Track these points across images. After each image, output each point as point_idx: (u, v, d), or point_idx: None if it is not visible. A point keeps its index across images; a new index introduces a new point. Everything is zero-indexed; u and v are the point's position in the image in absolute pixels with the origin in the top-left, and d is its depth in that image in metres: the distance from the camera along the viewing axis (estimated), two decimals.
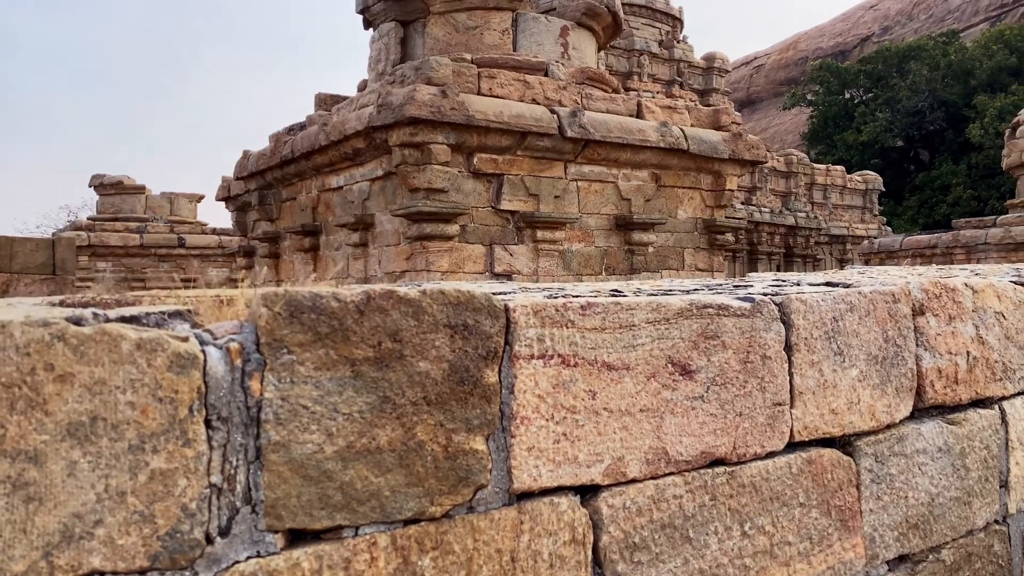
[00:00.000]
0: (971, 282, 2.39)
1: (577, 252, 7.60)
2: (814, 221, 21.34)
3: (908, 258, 14.41)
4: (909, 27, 46.79)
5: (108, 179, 17.45)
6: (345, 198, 7.84)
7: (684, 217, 8.30)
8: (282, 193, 8.94)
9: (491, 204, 7.18)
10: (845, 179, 23.48)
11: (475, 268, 6.99)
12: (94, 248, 16.60)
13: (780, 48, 56.90)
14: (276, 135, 8.71)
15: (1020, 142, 13.69)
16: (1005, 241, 12.84)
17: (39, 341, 1.09)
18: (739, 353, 1.81)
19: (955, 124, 31.21)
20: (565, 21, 8.40)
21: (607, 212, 7.80)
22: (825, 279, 2.62)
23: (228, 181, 10.27)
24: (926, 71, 31.81)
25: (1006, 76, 30.28)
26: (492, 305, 1.47)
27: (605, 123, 7.52)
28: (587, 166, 7.67)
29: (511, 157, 7.23)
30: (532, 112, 7.16)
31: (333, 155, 7.63)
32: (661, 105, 8.30)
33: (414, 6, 8.04)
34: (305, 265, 8.53)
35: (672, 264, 8.18)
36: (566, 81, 7.83)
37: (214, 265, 17.96)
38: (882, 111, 32.35)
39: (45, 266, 9.11)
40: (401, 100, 6.59)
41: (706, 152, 8.05)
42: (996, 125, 27.00)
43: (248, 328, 1.32)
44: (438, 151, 6.74)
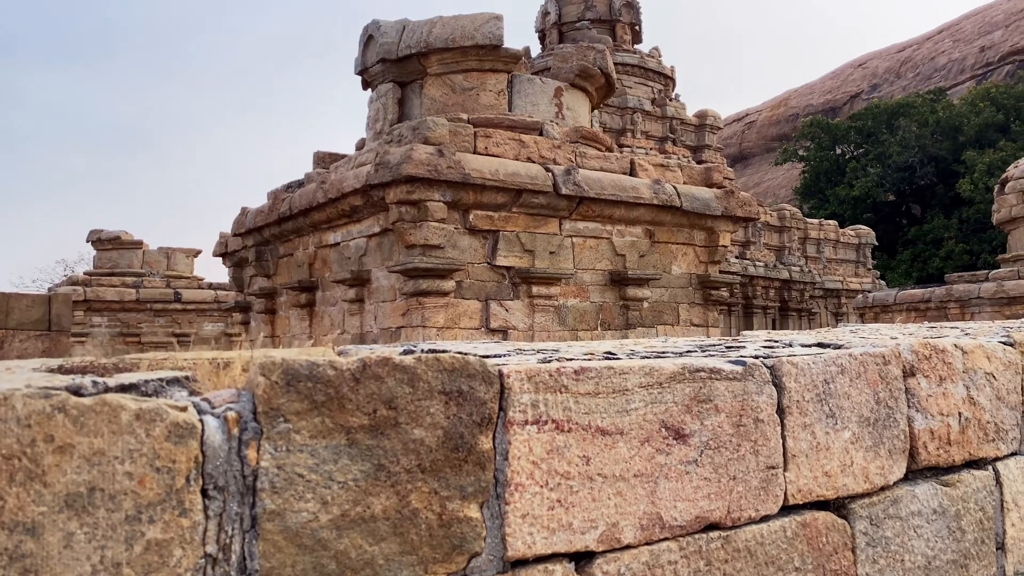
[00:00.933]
0: (961, 343, 2.42)
1: (572, 307, 7.64)
2: (808, 275, 21.47)
3: (903, 312, 14.48)
4: (897, 85, 47.76)
5: (106, 234, 17.55)
6: (342, 254, 7.90)
7: (678, 272, 8.36)
8: (279, 249, 9.00)
9: (487, 260, 7.23)
10: (838, 233, 23.70)
11: (471, 324, 7.01)
12: (90, 303, 16.60)
13: (771, 105, 57.95)
14: (274, 192, 8.81)
15: (1009, 198, 13.88)
16: (998, 296, 12.92)
17: (40, 413, 1.10)
18: (732, 416, 1.83)
19: (945, 179, 31.66)
20: (559, 82, 8.58)
21: (602, 268, 7.86)
22: (817, 339, 2.65)
23: (226, 237, 10.34)
24: (915, 127, 32.38)
25: (993, 132, 30.83)
26: (487, 371, 1.49)
27: (599, 181, 7.62)
28: (582, 222, 7.76)
29: (507, 214, 7.31)
30: (527, 170, 7.27)
31: (331, 212, 7.71)
32: (654, 163, 8.43)
33: (412, 68, 8.21)
34: (301, 321, 8.54)
35: (667, 319, 8.21)
36: (560, 140, 7.96)
37: (210, 319, 17.96)
38: (873, 166, 32.81)
39: (41, 322, 9.11)
40: (398, 159, 6.70)
41: (699, 209, 8.15)
42: (985, 180, 27.38)
43: (245, 396, 1.34)
44: (434, 208, 6.82)
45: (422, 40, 8.04)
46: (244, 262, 9.95)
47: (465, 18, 8.05)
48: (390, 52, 8.14)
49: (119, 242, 17.59)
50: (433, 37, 8.04)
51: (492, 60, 8.18)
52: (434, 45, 8.04)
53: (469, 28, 7.96)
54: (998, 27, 44.19)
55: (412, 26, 8.16)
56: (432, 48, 8.03)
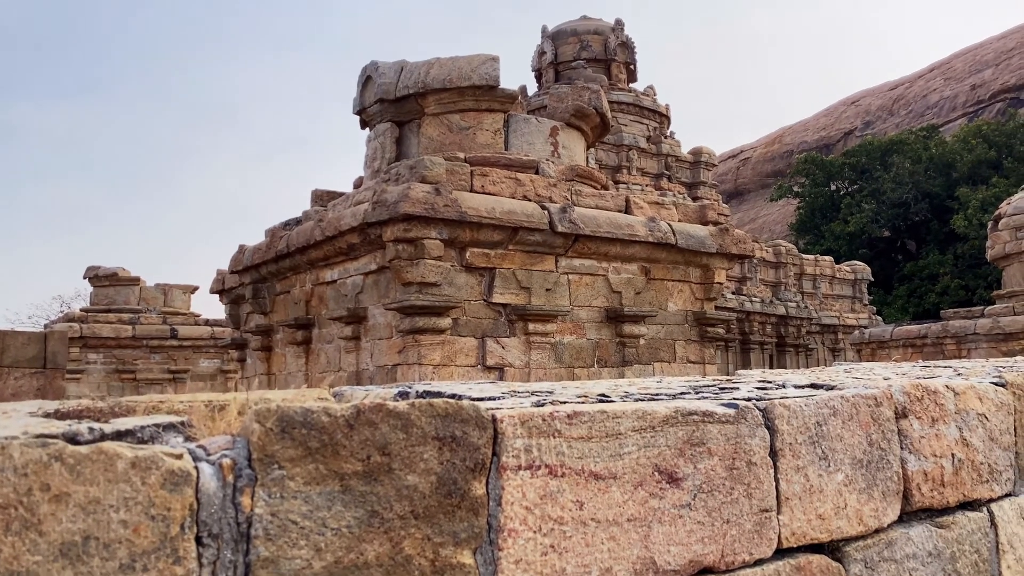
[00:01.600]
0: (952, 384, 2.44)
1: (569, 344, 7.64)
2: (805, 311, 21.51)
3: (899, 348, 14.50)
4: (890, 122, 48.30)
5: (103, 271, 17.58)
6: (339, 292, 7.92)
7: (674, 309, 8.39)
8: (276, 287, 9.03)
9: (483, 297, 7.26)
10: (834, 269, 23.79)
11: (467, 361, 7.01)
12: (86, 340, 16.57)
13: (766, 142, 58.51)
14: (272, 230, 8.86)
15: (1003, 234, 13.98)
16: (994, 332, 12.95)
17: (37, 462, 1.12)
18: (725, 459, 1.84)
19: (940, 215, 31.88)
20: (555, 122, 8.68)
21: (598, 305, 7.88)
22: (810, 380, 2.66)
23: (223, 274, 10.36)
24: (909, 164, 32.68)
25: (986, 169, 31.13)
26: (480, 416, 1.51)
27: (594, 218, 7.68)
28: (577, 260, 7.80)
29: (503, 251, 7.35)
30: (523, 208, 7.33)
31: (328, 250, 7.75)
32: (649, 201, 8.50)
33: (409, 108, 8.31)
34: (297, 358, 8.54)
35: (664, 356, 8.22)
36: (556, 178, 8.03)
37: (206, 356, 17.91)
38: (868, 202, 33.05)
39: (36, 359, 9.09)
40: (396, 197, 6.75)
41: (694, 246, 8.20)
42: (979, 216, 27.58)
43: (240, 443, 1.35)
44: (431, 246, 6.86)
45: (420, 81, 8.15)
46: (241, 299, 9.97)
47: (462, 59, 8.17)
48: (388, 92, 8.24)
49: (116, 278, 17.61)
50: (431, 78, 8.15)
51: (489, 100, 8.28)
52: (431, 86, 8.14)
53: (466, 69, 8.07)
54: (988, 66, 44.84)
55: (410, 67, 8.28)
56: (430, 88, 8.13)
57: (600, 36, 23.06)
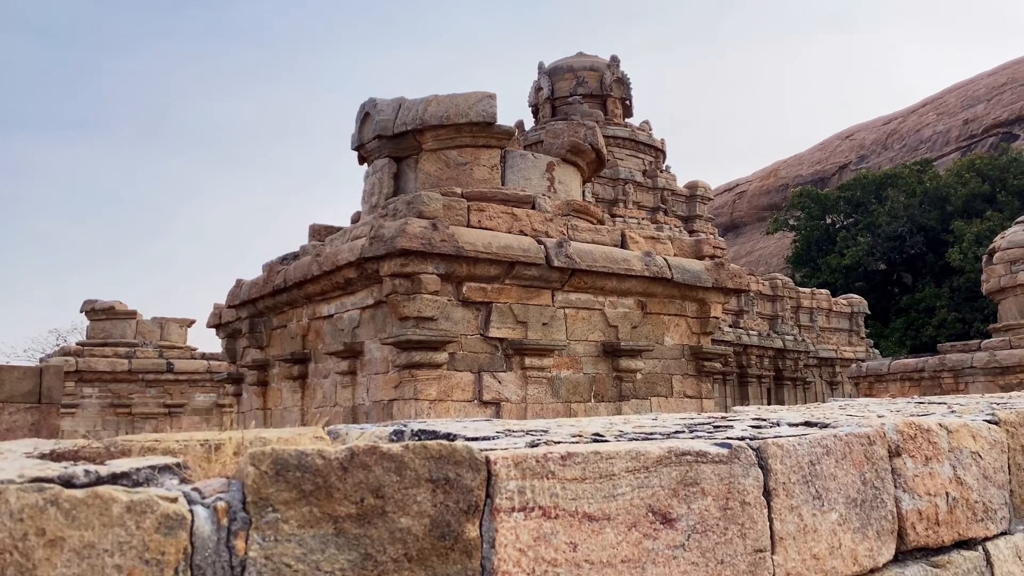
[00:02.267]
0: (945, 422, 2.45)
1: (565, 379, 7.64)
2: (802, 344, 21.51)
3: (897, 382, 14.48)
4: (884, 156, 48.73)
5: (100, 304, 17.57)
6: (335, 326, 7.93)
7: (671, 344, 8.40)
8: (273, 321, 9.04)
9: (480, 332, 7.27)
10: (831, 302, 23.84)
11: (463, 396, 7.00)
12: (81, 373, 16.51)
13: (761, 175, 58.94)
14: (269, 264, 8.89)
15: (998, 268, 14.05)
16: (991, 365, 12.95)
17: (33, 507, 1.12)
18: (719, 500, 1.84)
19: (935, 248, 32.03)
20: (551, 157, 8.76)
21: (594, 339, 7.89)
22: (804, 418, 2.67)
23: (220, 308, 10.37)
24: (903, 198, 32.91)
25: (980, 202, 31.34)
26: (473, 458, 1.52)
27: (590, 253, 7.72)
28: (574, 294, 7.82)
29: (499, 286, 7.37)
30: (520, 243, 7.37)
31: (325, 284, 7.78)
32: (644, 235, 8.56)
33: (407, 144, 8.39)
34: (293, 393, 8.52)
35: (660, 391, 8.21)
36: (552, 213, 8.09)
37: (201, 390, 17.84)
38: (863, 235, 33.21)
39: (31, 394, 9.05)
40: (393, 232, 6.79)
41: (689, 281, 8.23)
42: (974, 249, 27.71)
43: (235, 486, 1.36)
44: (428, 281, 6.89)
45: (418, 117, 8.24)
46: (238, 333, 9.97)
47: (460, 97, 8.26)
48: (386, 129, 8.32)
49: (113, 312, 17.60)
50: (428, 114, 8.24)
51: (486, 136, 8.37)
52: (429, 122, 8.23)
53: (463, 106, 8.17)
54: (980, 101, 45.37)
55: (408, 104, 8.37)
56: (427, 125, 8.22)
57: (596, 72, 23.34)
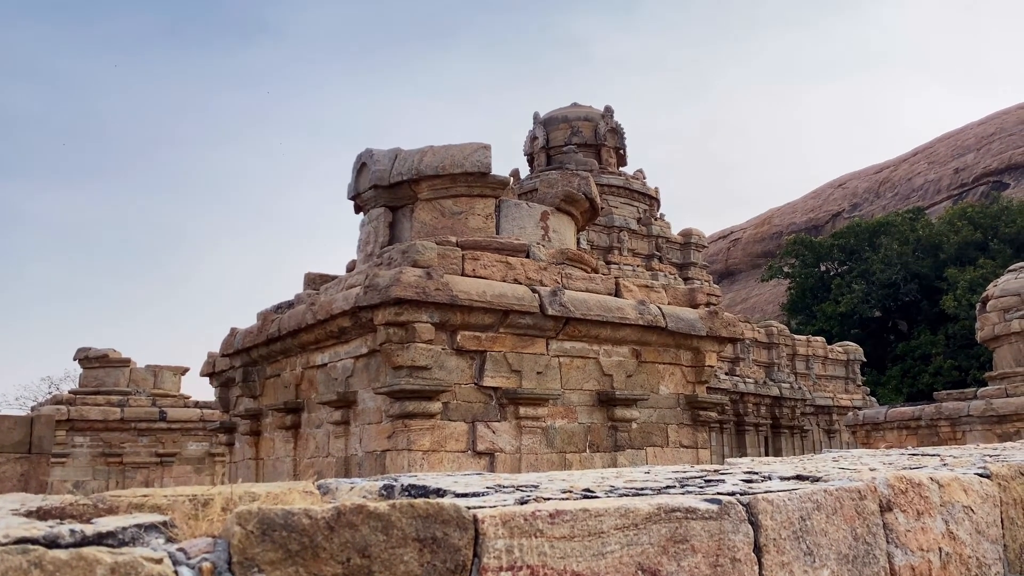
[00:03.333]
0: (937, 476, 2.45)
1: (560, 429, 7.60)
2: (799, 392, 21.45)
3: (894, 430, 14.42)
4: (877, 204, 49.20)
5: (93, 352, 17.51)
6: (329, 375, 7.91)
7: (666, 393, 8.38)
8: (266, 370, 9.01)
9: (474, 381, 7.25)
10: (826, 350, 23.84)
11: (457, 447, 6.96)
12: (73, 422, 16.38)
13: (755, 223, 59.40)
14: (264, 313, 8.89)
15: (991, 316, 14.10)
16: (988, 414, 12.92)
17: (17, 569, 1.12)
18: (709, 556, 1.83)
19: (929, 295, 32.16)
20: (545, 207, 8.84)
21: (589, 388, 7.87)
22: (796, 471, 2.66)
23: (214, 357, 10.34)
24: (896, 245, 33.15)
25: (973, 250, 31.57)
26: (461, 517, 1.51)
27: (585, 301, 7.74)
28: (568, 342, 7.83)
29: (494, 334, 7.38)
30: (514, 291, 7.39)
31: (319, 333, 7.77)
32: (638, 284, 8.59)
33: (403, 193, 8.47)
34: (286, 443, 8.45)
35: (656, 440, 8.16)
36: (547, 262, 8.13)
37: (194, 439, 17.69)
38: (858, 283, 33.37)
39: (22, 444, 8.97)
40: (388, 281, 6.81)
41: (684, 329, 8.25)
42: (968, 297, 27.82)
43: (221, 545, 1.36)
44: (422, 330, 6.89)
45: (414, 168, 8.33)
46: (231, 382, 9.92)
47: (455, 147, 8.37)
48: (382, 179, 8.41)
49: (106, 360, 17.52)
50: (424, 165, 8.33)
51: (480, 186, 8.45)
52: (425, 172, 8.32)
53: (459, 157, 8.27)
54: (970, 150, 46.01)
55: (404, 155, 8.47)
56: (423, 175, 8.31)
57: (590, 122, 23.65)
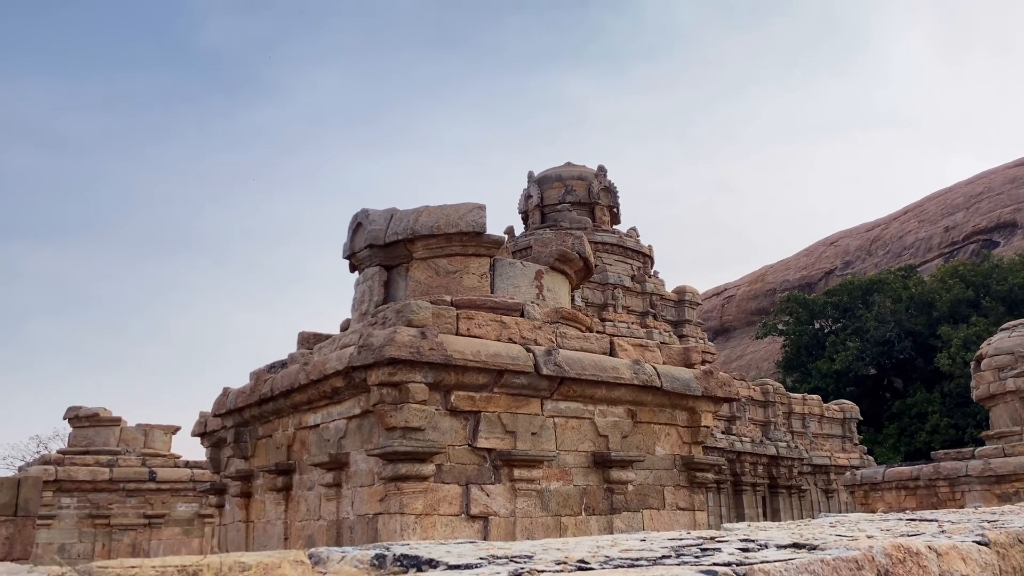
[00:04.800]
0: (935, 544, 2.42)
1: (555, 491, 7.50)
2: (796, 451, 21.27)
3: (892, 491, 14.27)
4: (869, 262, 49.56)
5: (84, 412, 17.33)
6: (321, 436, 7.83)
7: (662, 454, 8.30)
8: (258, 430, 8.92)
9: (468, 442, 7.18)
10: (822, 408, 23.72)
11: (450, 510, 6.85)
12: (60, 483, 16.12)
13: (749, 280, 59.70)
14: (257, 373, 8.84)
15: (986, 374, 14.08)
16: (986, 474, 12.81)
17: None
18: None
19: (924, 353, 32.16)
20: (539, 265, 8.89)
21: (584, 449, 7.80)
22: (793, 539, 2.63)
23: (206, 416, 10.25)
24: (890, 303, 33.28)
25: (965, 308, 31.69)
26: None
27: (579, 361, 7.72)
28: (563, 402, 7.78)
29: (488, 395, 7.33)
30: (508, 351, 7.37)
31: (312, 393, 7.72)
32: (633, 343, 8.59)
33: (398, 252, 8.51)
34: (277, 505, 8.32)
35: (652, 503, 8.06)
36: (541, 321, 8.13)
37: (184, 500, 17.40)
38: (852, 340, 33.39)
39: (7, 507, 8.82)
40: (382, 341, 6.80)
41: (679, 389, 8.22)
42: (962, 354, 27.83)
43: None
44: (416, 390, 6.85)
45: (409, 227, 8.38)
46: (222, 442, 9.81)
47: (450, 207, 8.44)
48: (378, 238, 8.46)
49: (97, 419, 17.33)
50: (419, 224, 8.39)
51: (475, 245, 8.50)
52: (420, 232, 8.37)
53: (454, 216, 8.33)
54: (959, 209, 46.58)
55: (400, 214, 8.54)
56: (419, 235, 8.36)
57: (584, 181, 23.93)
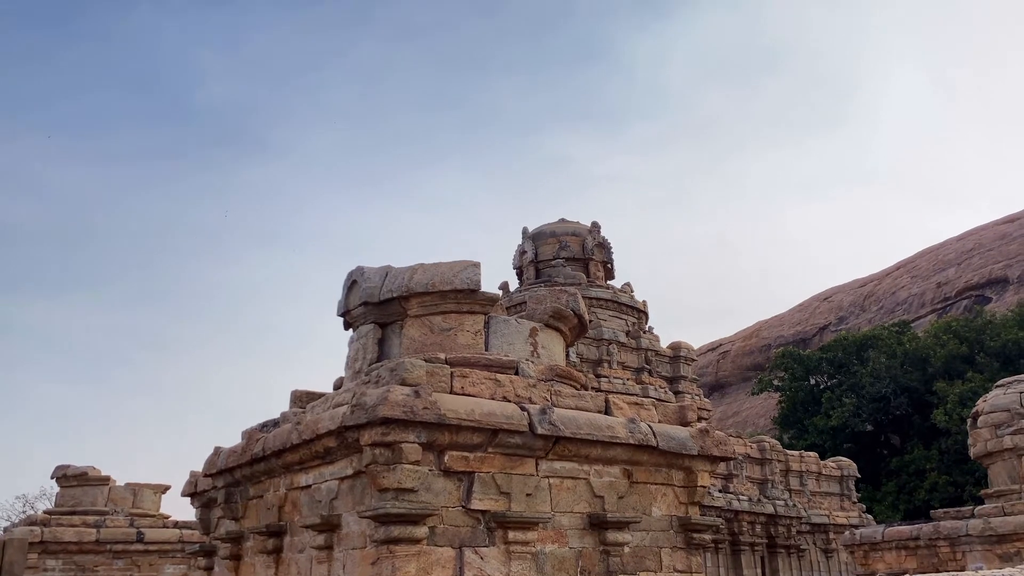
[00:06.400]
0: None
1: (551, 554, 7.36)
2: (794, 509, 21.00)
3: (892, 550, 14.06)
4: (863, 317, 49.66)
5: (72, 470, 17.06)
6: (313, 497, 7.70)
7: (659, 515, 8.18)
8: (249, 491, 8.77)
9: (461, 504, 7.07)
10: (820, 465, 23.51)
11: (444, 574, 6.71)
12: (46, 544, 15.78)
13: (743, 335, 59.68)
14: (249, 432, 8.75)
15: (982, 432, 14.01)
16: (987, 533, 12.64)
17: None
18: None
19: (920, 409, 32.02)
20: (534, 323, 8.88)
21: (580, 511, 7.68)
22: None
23: (196, 476, 10.10)
24: (884, 359, 33.26)
25: (960, 363, 31.67)
26: None
27: (575, 420, 7.66)
28: (558, 462, 7.69)
29: (482, 454, 7.25)
30: (503, 410, 7.31)
31: (304, 453, 7.62)
32: (628, 401, 8.53)
33: (393, 310, 8.50)
34: (267, 569, 8.14)
35: (649, 565, 7.91)
36: (536, 379, 8.09)
37: (172, 561, 17.03)
38: (848, 396, 33.27)
39: None
40: (375, 401, 6.74)
41: (675, 448, 8.14)
42: (959, 411, 27.72)
43: None
44: (409, 450, 6.77)
45: (404, 285, 8.39)
46: (213, 503, 9.65)
47: (445, 265, 8.47)
48: (372, 296, 8.46)
49: (85, 478, 17.06)
50: (414, 282, 8.41)
51: (470, 303, 8.50)
52: (415, 289, 8.38)
53: (448, 274, 8.35)
54: (951, 265, 46.92)
55: (395, 272, 8.55)
56: (413, 292, 8.36)
57: (578, 237, 24.11)
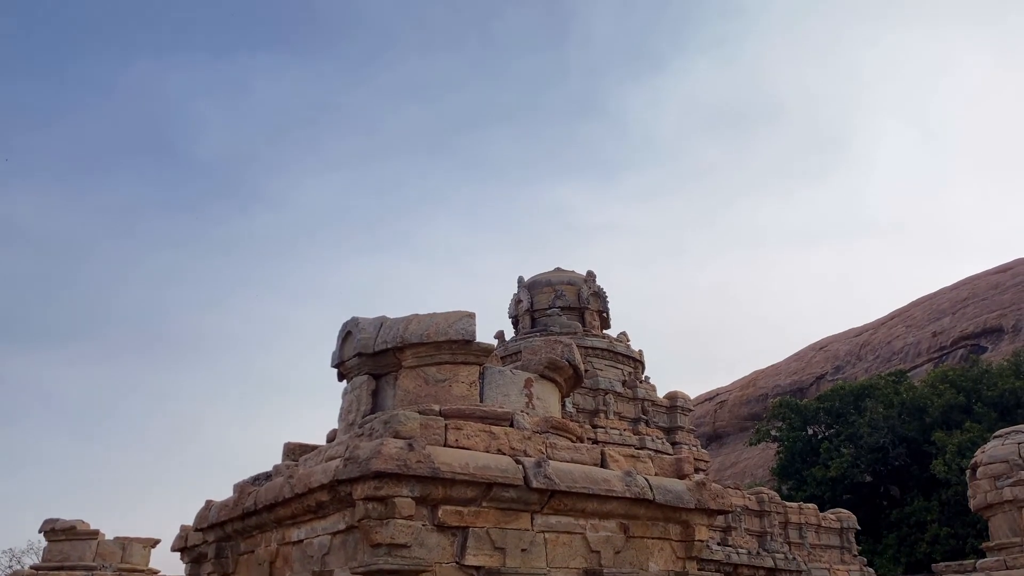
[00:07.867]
0: None
1: None
2: (793, 563, 20.67)
3: None
4: (859, 367, 49.57)
5: (60, 525, 16.76)
6: (304, 552, 7.58)
7: (655, 570, 8.05)
8: (240, 546, 8.63)
9: (455, 559, 6.95)
10: (819, 517, 23.20)
11: None
12: None
13: (740, 385, 59.46)
14: (241, 485, 8.64)
15: (982, 483, 13.89)
16: None
17: None
18: None
19: (919, 459, 31.77)
20: (529, 374, 8.85)
21: (576, 566, 7.56)
22: None
23: (187, 530, 9.95)
24: (882, 408, 33.10)
25: (958, 413, 31.52)
26: None
27: (570, 473, 7.58)
28: (554, 517, 7.58)
29: (476, 508, 7.15)
30: (498, 463, 7.24)
31: (296, 507, 7.52)
32: (624, 454, 8.46)
33: (387, 361, 8.47)
34: None
35: None
36: (531, 431, 8.03)
37: None
38: (846, 446, 33.03)
39: None
40: (368, 454, 6.68)
41: (672, 502, 8.04)
42: (958, 461, 27.51)
43: None
44: (402, 505, 6.68)
45: (398, 335, 8.38)
46: (203, 558, 9.48)
47: (440, 316, 8.47)
48: (367, 347, 8.43)
49: (73, 532, 16.76)
50: (409, 333, 8.39)
51: (464, 354, 8.48)
52: (410, 340, 8.36)
53: (443, 325, 8.35)
54: (945, 314, 47.02)
55: (389, 323, 8.55)
56: (408, 343, 8.34)
57: (573, 287, 24.14)
